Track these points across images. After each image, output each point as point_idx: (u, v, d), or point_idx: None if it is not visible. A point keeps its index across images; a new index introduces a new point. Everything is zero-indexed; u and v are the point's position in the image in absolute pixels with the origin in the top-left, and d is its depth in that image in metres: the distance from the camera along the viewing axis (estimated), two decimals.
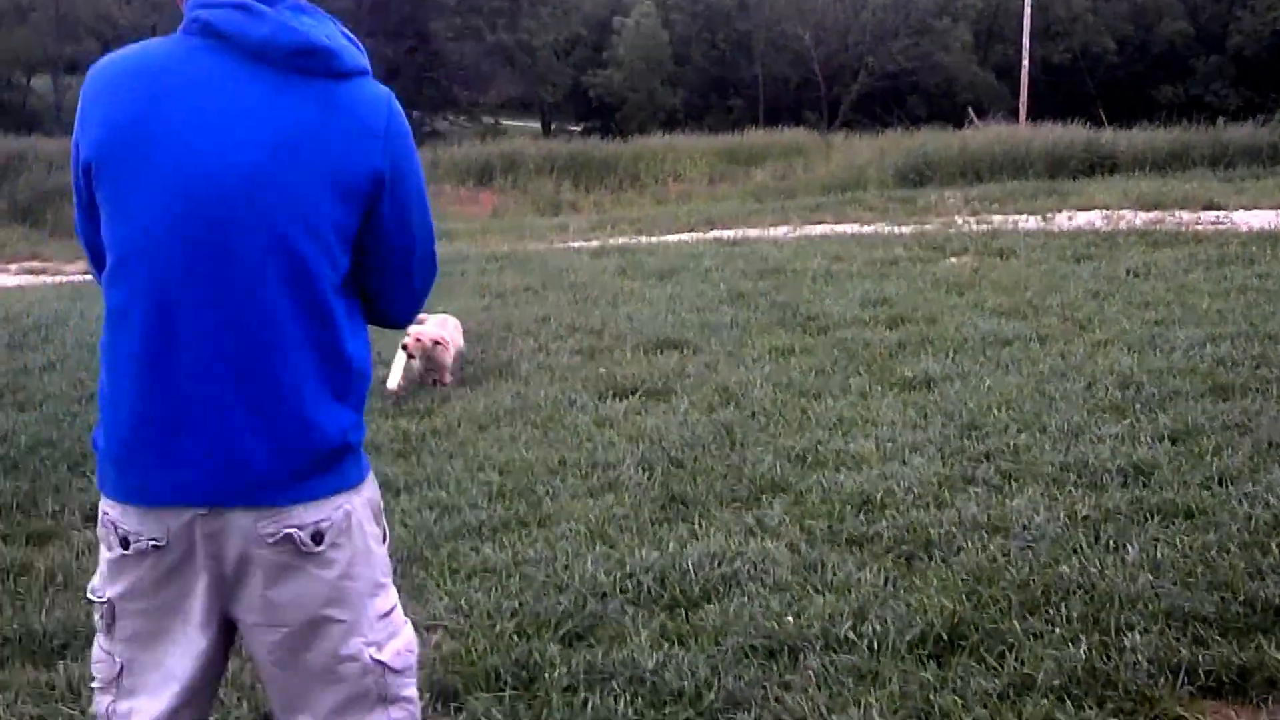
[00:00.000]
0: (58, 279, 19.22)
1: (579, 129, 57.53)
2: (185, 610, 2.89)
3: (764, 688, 4.65)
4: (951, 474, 6.93)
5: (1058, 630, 4.96)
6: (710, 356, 10.09)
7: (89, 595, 3.06)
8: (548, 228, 22.46)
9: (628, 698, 4.57)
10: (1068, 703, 4.45)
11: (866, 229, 18.46)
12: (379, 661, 2.94)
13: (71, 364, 10.65)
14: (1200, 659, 4.70)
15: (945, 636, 4.95)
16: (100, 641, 3.03)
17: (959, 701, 4.48)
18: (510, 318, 11.95)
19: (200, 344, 2.75)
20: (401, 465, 7.53)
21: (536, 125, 63.13)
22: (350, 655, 2.91)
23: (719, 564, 5.74)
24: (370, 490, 3.02)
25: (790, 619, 5.14)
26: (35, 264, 22.21)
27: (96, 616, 3.02)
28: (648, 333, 10.97)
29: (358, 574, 2.91)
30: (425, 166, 3.08)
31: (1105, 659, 4.72)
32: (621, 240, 18.52)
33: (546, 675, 4.73)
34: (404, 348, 9.23)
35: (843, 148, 37.36)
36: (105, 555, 2.95)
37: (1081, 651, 4.74)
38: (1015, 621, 5.02)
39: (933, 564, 5.71)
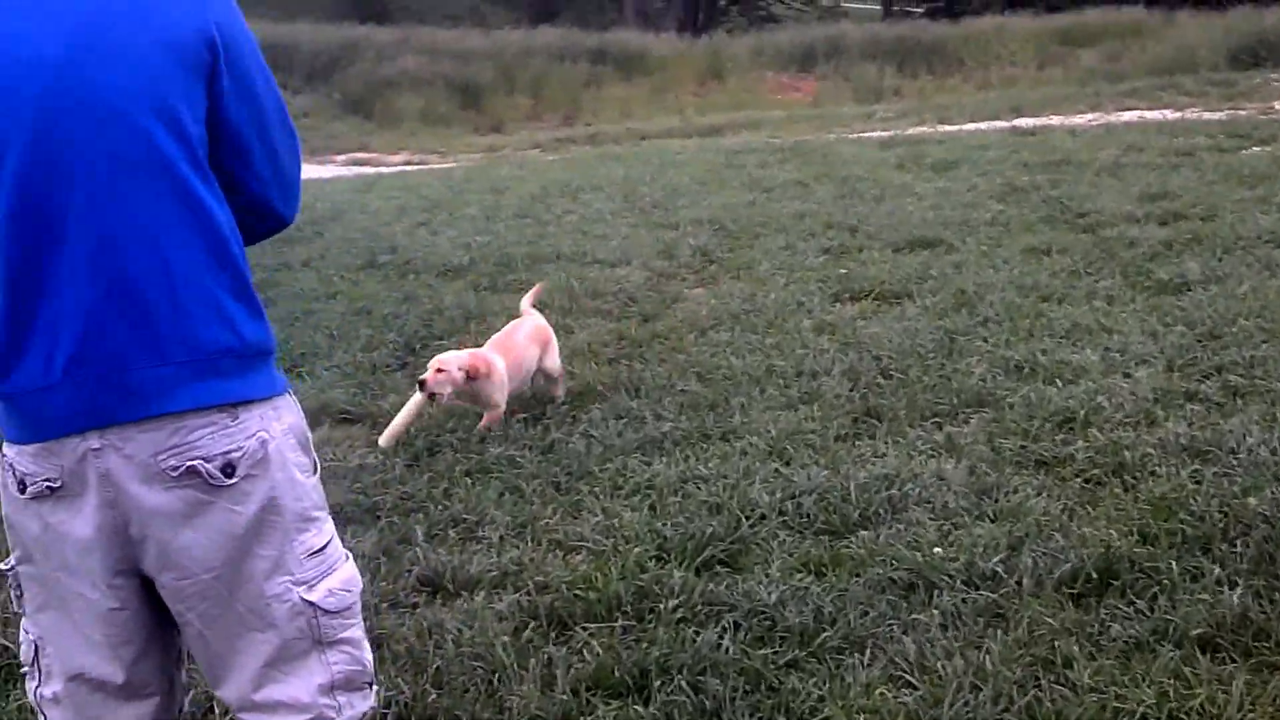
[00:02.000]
0: (377, 170, 19.64)
1: (920, 10, 55.87)
2: (85, 568, 2.68)
3: (889, 626, 4.36)
4: (1172, 388, 6.43)
5: (1221, 571, 4.53)
6: (961, 256, 9.64)
7: (1, 568, 2.90)
8: (854, 116, 21.94)
9: (739, 634, 4.34)
10: (1205, 656, 4.04)
11: (1174, 115, 17.46)
12: (309, 602, 2.72)
13: (328, 261, 10.80)
14: None
15: (1097, 575, 4.56)
16: (22, 621, 2.87)
17: (1087, 649, 4.12)
18: (769, 213, 11.67)
19: (66, 254, 2.52)
20: (606, 370, 7.38)
21: (877, 7, 61.60)
22: (276, 595, 2.69)
23: (887, 487, 5.44)
24: (292, 417, 2.76)
25: (938, 550, 4.83)
26: (361, 154, 22.72)
27: (11, 592, 2.88)
28: (903, 231, 10.56)
29: (281, 507, 2.68)
30: (747, 54, 2.76)
31: (1265, 606, 4.28)
32: (919, 130, 17.96)
33: (661, 606, 4.53)
34: (420, 384, 6.46)
35: (1186, 26, 35.40)
36: (7, 513, 2.76)
37: (1237, 597, 4.31)
38: (1175, 561, 4.59)
39: (1117, 491, 5.29)
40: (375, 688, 2.95)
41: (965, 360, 7.10)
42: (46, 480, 2.63)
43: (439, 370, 6.38)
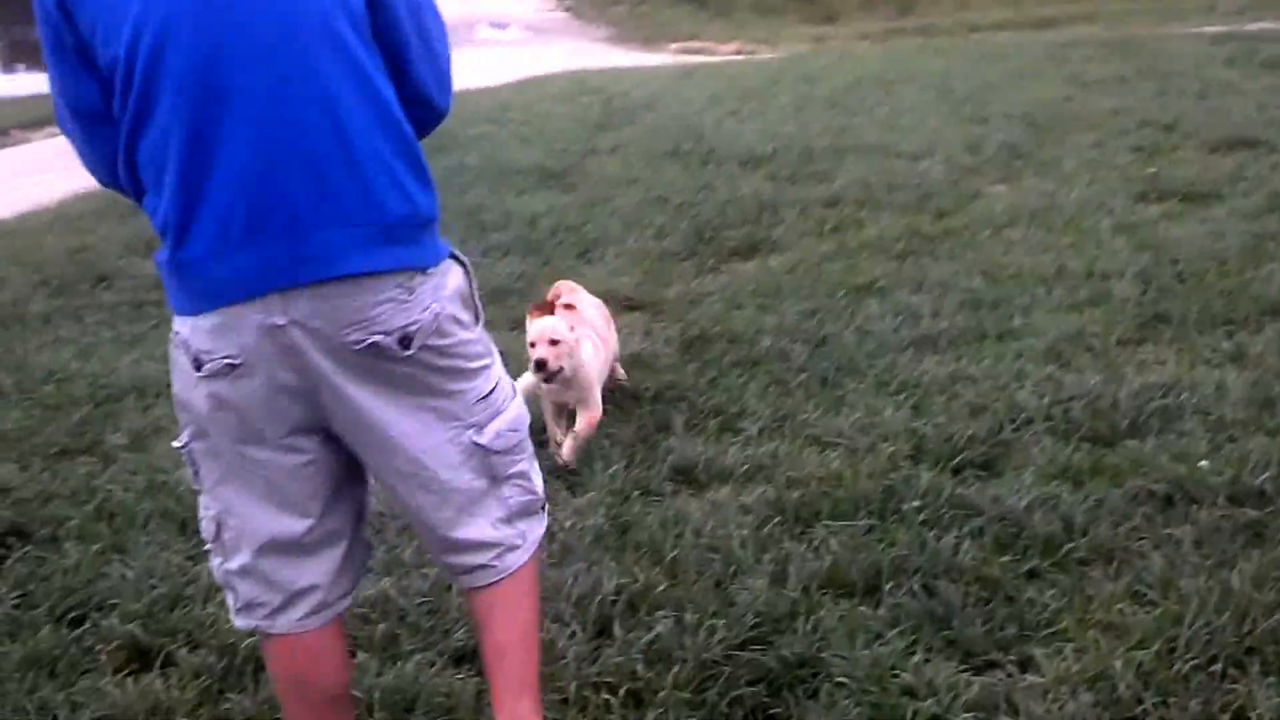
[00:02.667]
0: (707, 59, 19.58)
1: None
2: (267, 435, 2.70)
3: (1140, 540, 4.15)
4: None
5: None
6: None
7: (174, 446, 2.92)
8: (1194, 10, 20.82)
9: (981, 540, 4.19)
10: None
11: None
12: (478, 445, 2.80)
13: (634, 148, 10.80)
14: None
15: None
16: (200, 499, 2.89)
17: None
18: (1083, 109, 11.20)
19: (239, 121, 2.51)
20: (894, 264, 7.21)
21: None
22: (450, 439, 2.77)
23: (1163, 395, 5.16)
24: (456, 280, 2.78)
25: (1205, 463, 4.56)
26: (693, 43, 22.72)
27: (187, 470, 2.90)
28: (1222, 129, 10.00)
29: (451, 364, 2.75)
30: None
31: None
32: (1259, 26, 16.98)
33: (906, 507, 4.40)
34: (539, 365, 4.91)
35: None
36: (176, 391, 2.77)
37: None
38: None
39: None
40: (547, 509, 3.03)
41: (1269, 266, 6.68)
42: (226, 357, 2.63)
43: (554, 341, 4.93)
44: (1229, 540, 4.08)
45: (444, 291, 2.73)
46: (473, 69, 14.21)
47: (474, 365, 2.81)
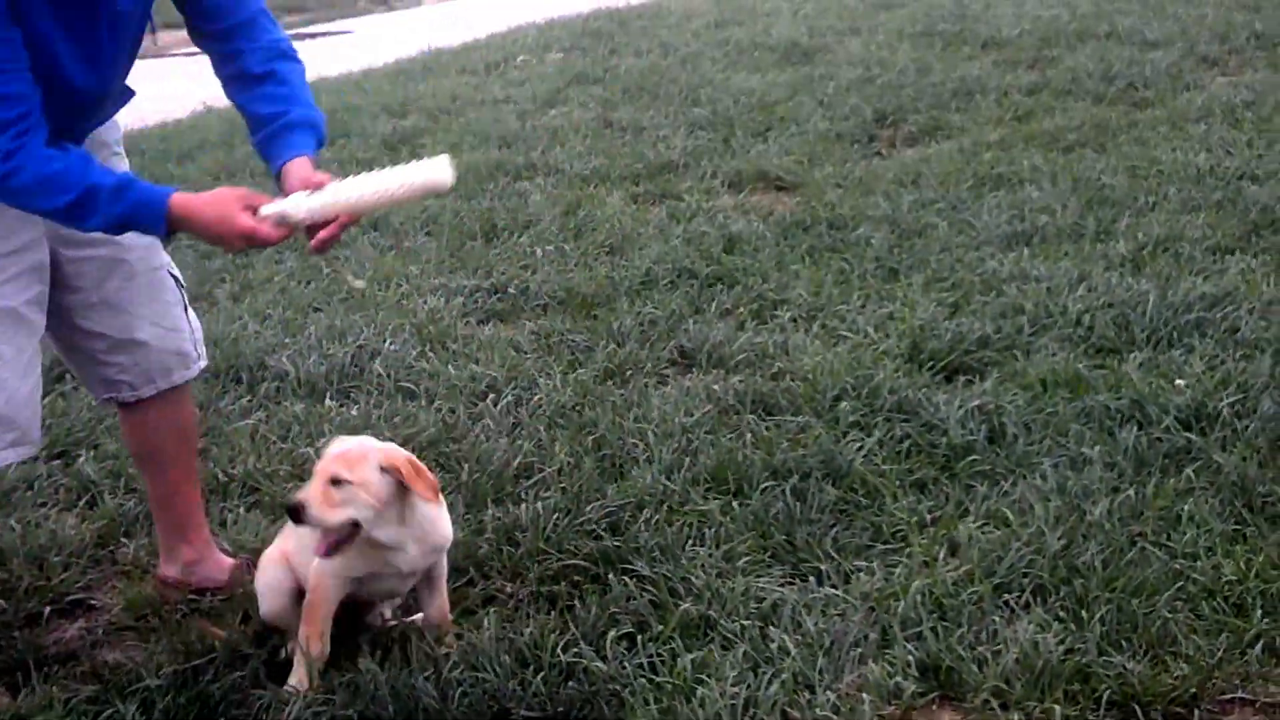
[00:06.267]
0: None
1: None
2: None
3: (1061, 457, 3.85)
4: None
5: None
6: None
7: None
8: None
9: (897, 445, 3.99)
10: None
11: None
12: None
13: (894, 26, 10.35)
14: None
15: None
16: None
17: None
18: None
19: None
20: (1050, 157, 6.77)
21: None
22: None
23: (1207, 308, 4.79)
24: None
25: (1180, 382, 4.21)
26: None
27: None
28: None
29: None
30: None
31: None
32: None
33: (844, 405, 4.20)
34: (292, 512, 2.92)
35: None
36: None
37: None
38: None
39: None
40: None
41: None
42: None
43: (335, 480, 2.89)
44: (1140, 466, 3.76)
45: None
46: None
47: None
